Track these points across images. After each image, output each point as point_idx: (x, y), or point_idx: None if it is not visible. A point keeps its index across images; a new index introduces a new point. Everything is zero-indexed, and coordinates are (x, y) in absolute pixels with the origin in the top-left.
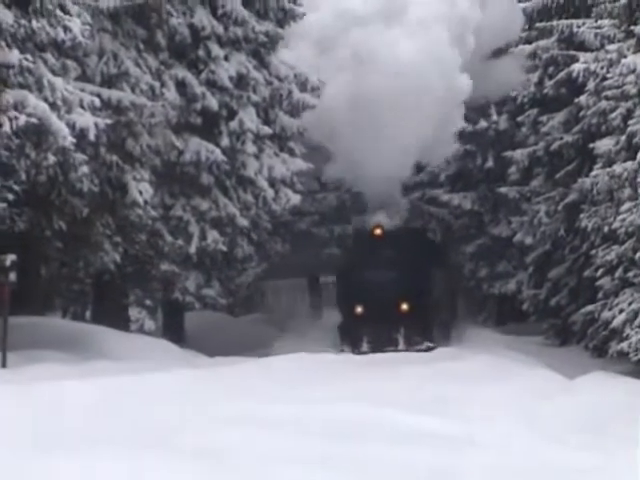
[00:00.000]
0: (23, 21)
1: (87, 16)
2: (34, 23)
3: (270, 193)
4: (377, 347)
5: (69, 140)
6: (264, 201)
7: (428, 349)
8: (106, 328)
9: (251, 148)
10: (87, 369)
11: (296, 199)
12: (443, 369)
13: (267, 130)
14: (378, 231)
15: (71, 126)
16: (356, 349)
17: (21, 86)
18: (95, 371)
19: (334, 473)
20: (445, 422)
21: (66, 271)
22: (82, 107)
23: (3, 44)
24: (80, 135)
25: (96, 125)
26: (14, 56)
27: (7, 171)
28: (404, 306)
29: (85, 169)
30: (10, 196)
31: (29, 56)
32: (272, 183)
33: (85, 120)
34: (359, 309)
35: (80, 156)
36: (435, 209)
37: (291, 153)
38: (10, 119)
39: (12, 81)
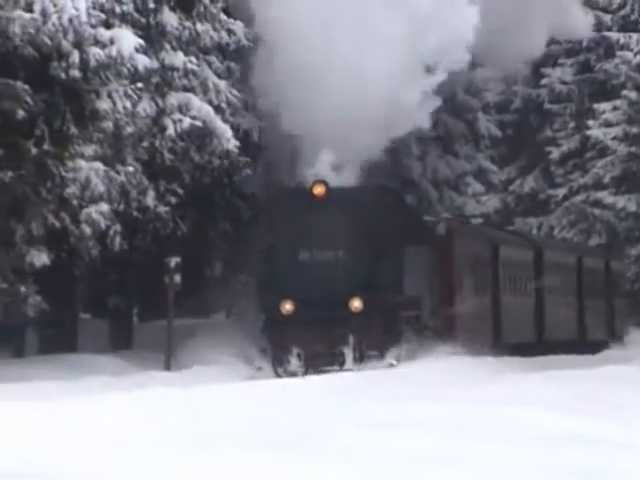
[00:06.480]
0: (187, 24)
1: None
2: (198, 26)
3: None
4: (312, 364)
5: (233, 143)
6: None
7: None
8: None
9: None
10: (250, 372)
11: None
12: (607, 372)
13: None
14: (319, 189)
15: (235, 129)
16: (280, 366)
17: (185, 89)
18: (259, 374)
19: (482, 474)
20: (604, 425)
21: (230, 272)
22: (246, 109)
23: (168, 47)
24: (244, 137)
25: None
26: (178, 59)
27: (171, 174)
28: (356, 303)
29: (249, 171)
30: (173, 199)
31: (193, 59)
32: None
33: (249, 122)
34: (287, 307)
35: (244, 159)
36: (600, 211)
37: None
38: (174, 122)
39: (176, 84)
